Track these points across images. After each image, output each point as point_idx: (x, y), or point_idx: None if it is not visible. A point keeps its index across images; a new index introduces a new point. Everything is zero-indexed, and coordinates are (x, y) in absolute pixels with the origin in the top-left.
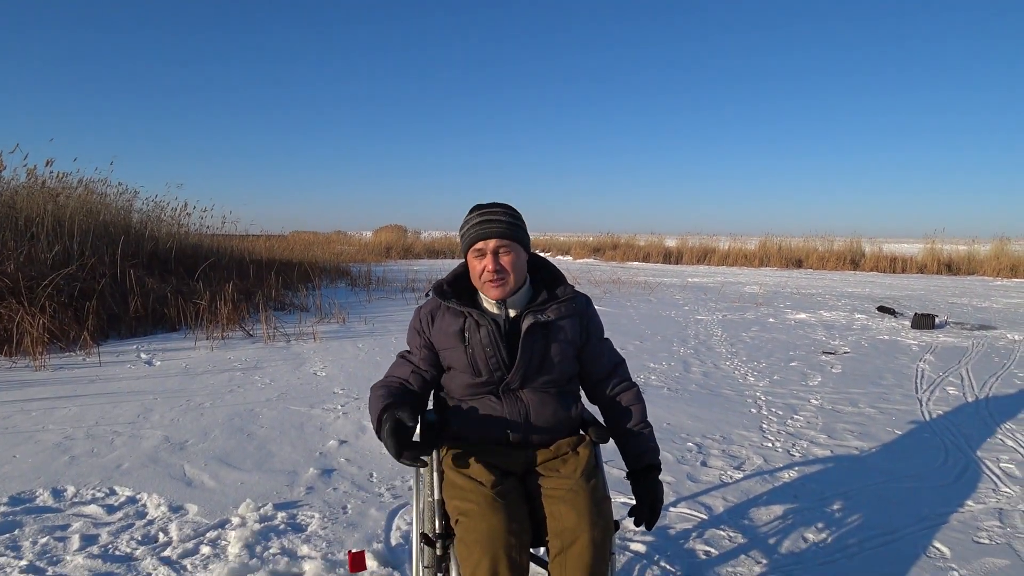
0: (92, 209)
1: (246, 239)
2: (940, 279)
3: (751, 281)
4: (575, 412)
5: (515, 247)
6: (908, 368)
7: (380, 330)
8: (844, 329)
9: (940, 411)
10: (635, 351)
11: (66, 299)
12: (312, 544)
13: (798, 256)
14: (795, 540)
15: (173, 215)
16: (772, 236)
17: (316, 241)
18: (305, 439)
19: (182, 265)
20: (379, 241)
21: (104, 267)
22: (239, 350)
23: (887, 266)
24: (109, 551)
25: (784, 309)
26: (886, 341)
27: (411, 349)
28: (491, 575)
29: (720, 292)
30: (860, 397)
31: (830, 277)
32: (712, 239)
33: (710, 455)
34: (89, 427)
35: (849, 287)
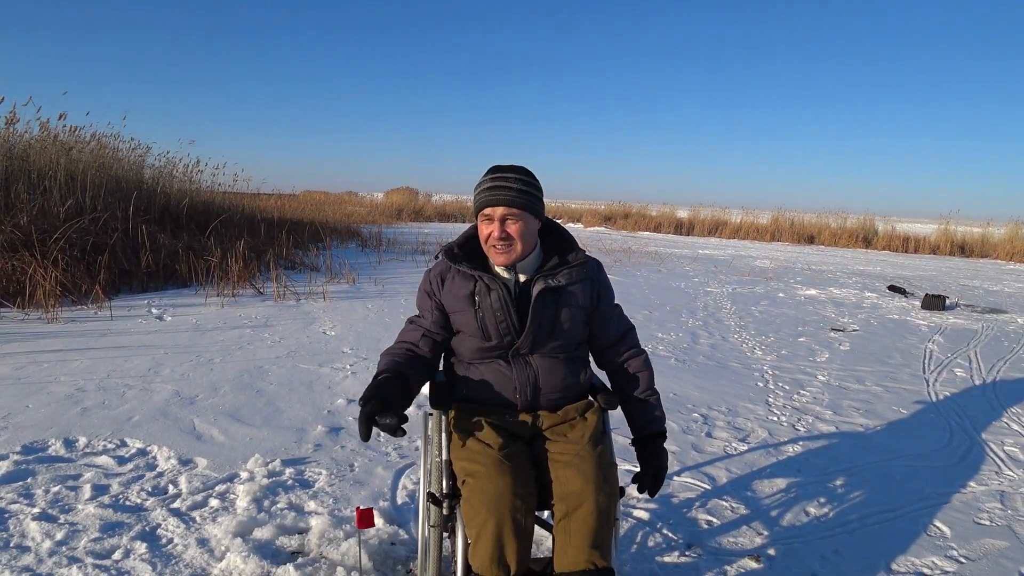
0: (105, 163)
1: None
2: (953, 261)
3: (762, 255)
4: (584, 378)
5: (524, 215)
6: (916, 348)
7: (390, 291)
8: (854, 307)
9: (947, 392)
10: (644, 321)
11: (78, 253)
12: (319, 500)
13: (810, 232)
14: (797, 513)
15: (185, 171)
16: (785, 211)
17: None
18: (314, 397)
19: (194, 222)
20: (390, 203)
21: (116, 222)
22: (249, 307)
23: (900, 246)
24: (120, 501)
25: (794, 284)
26: (895, 320)
27: (421, 312)
28: (496, 536)
29: (731, 265)
30: (867, 375)
31: (842, 254)
32: (724, 212)
33: (715, 426)
34: (101, 379)
35: (860, 265)
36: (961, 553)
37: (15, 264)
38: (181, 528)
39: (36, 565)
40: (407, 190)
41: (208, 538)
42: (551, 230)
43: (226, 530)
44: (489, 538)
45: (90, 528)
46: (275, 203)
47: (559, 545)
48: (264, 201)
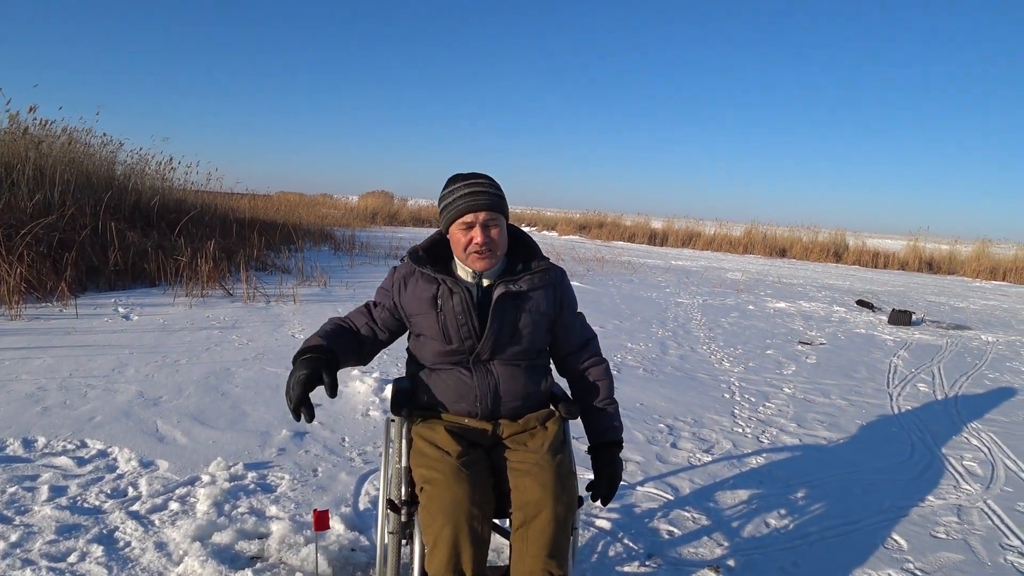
0: (75, 159)
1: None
2: (920, 277)
3: (734, 267)
4: (545, 386)
5: (501, 219)
6: (882, 363)
7: (361, 295)
8: (822, 320)
9: (909, 406)
10: (614, 330)
11: (45, 249)
12: (281, 505)
13: (782, 245)
14: (758, 525)
15: (158, 169)
16: (758, 224)
17: (301, 203)
18: (280, 401)
19: (164, 220)
20: (365, 206)
21: (85, 218)
22: (218, 308)
23: (869, 261)
24: (77, 503)
25: (764, 297)
26: (862, 335)
27: (377, 302)
28: (452, 544)
29: (702, 276)
30: (832, 388)
31: (812, 268)
32: (698, 223)
33: (681, 437)
34: (63, 379)
35: (830, 279)
36: (917, 566)
37: None
38: (139, 531)
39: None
40: (382, 194)
41: (166, 542)
42: (515, 237)
43: (185, 534)
44: (445, 545)
45: (46, 530)
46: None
47: (516, 553)
48: (237, 201)
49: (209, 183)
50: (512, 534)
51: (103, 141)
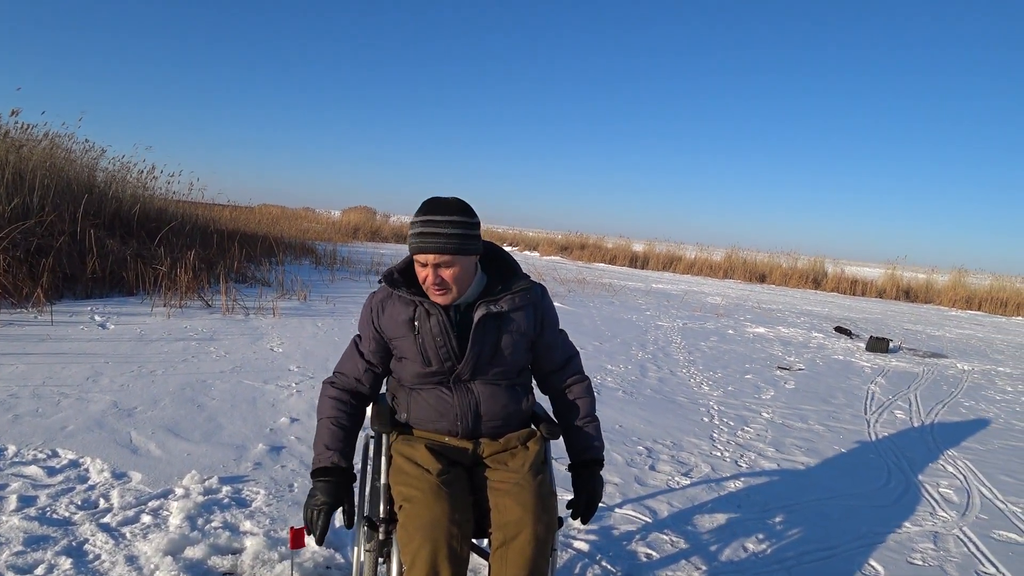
0: (56, 164)
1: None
2: (898, 305)
3: (714, 292)
4: (526, 406)
5: (458, 259)
6: (859, 389)
7: (341, 310)
8: (800, 346)
9: (886, 433)
10: (593, 352)
11: (21, 254)
12: (255, 520)
13: (762, 271)
14: (736, 549)
15: (139, 177)
16: (738, 249)
17: (283, 216)
18: (256, 414)
19: (144, 229)
20: (347, 221)
21: (64, 224)
22: (196, 320)
23: (848, 288)
24: (47, 514)
25: (744, 322)
26: (840, 361)
27: (362, 337)
28: (430, 563)
29: (683, 300)
30: (810, 414)
31: (791, 294)
32: (679, 247)
33: (659, 460)
34: (35, 386)
35: (809, 305)
36: None
37: None
38: (110, 544)
39: None
40: (365, 209)
41: (137, 555)
42: (494, 255)
43: (156, 548)
44: (423, 564)
45: (13, 541)
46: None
47: (495, 573)
48: (219, 212)
49: (191, 193)
50: (491, 554)
51: (85, 147)
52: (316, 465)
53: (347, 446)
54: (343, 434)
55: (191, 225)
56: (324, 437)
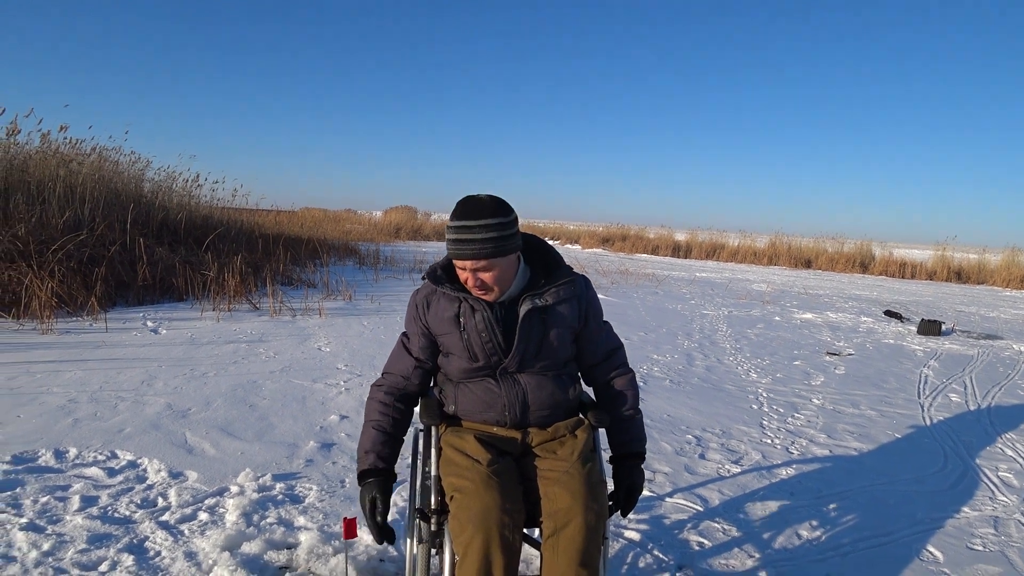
0: (104, 176)
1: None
2: (949, 287)
3: (759, 279)
4: (573, 395)
5: (496, 262)
6: (912, 373)
7: (386, 309)
8: (850, 331)
9: (941, 417)
10: (639, 342)
11: (75, 265)
12: (309, 516)
13: (807, 256)
14: (789, 536)
15: (184, 186)
16: (782, 235)
17: (326, 218)
18: (307, 413)
19: (191, 236)
20: (389, 221)
21: (114, 234)
22: (245, 322)
23: (896, 271)
24: (108, 513)
25: (791, 308)
26: (891, 345)
27: (409, 335)
28: (483, 552)
29: (727, 288)
30: (862, 399)
31: (838, 279)
32: (722, 235)
33: (709, 448)
34: (93, 391)
35: (857, 290)
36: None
37: (11, 274)
38: (169, 541)
39: (22, 575)
40: (406, 209)
41: (196, 551)
42: (536, 247)
43: (214, 544)
44: (476, 554)
45: (77, 539)
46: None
47: (547, 563)
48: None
49: (235, 199)
50: (543, 543)
51: (131, 159)
52: (358, 468)
53: (387, 448)
54: (383, 437)
55: (236, 231)
56: (365, 442)
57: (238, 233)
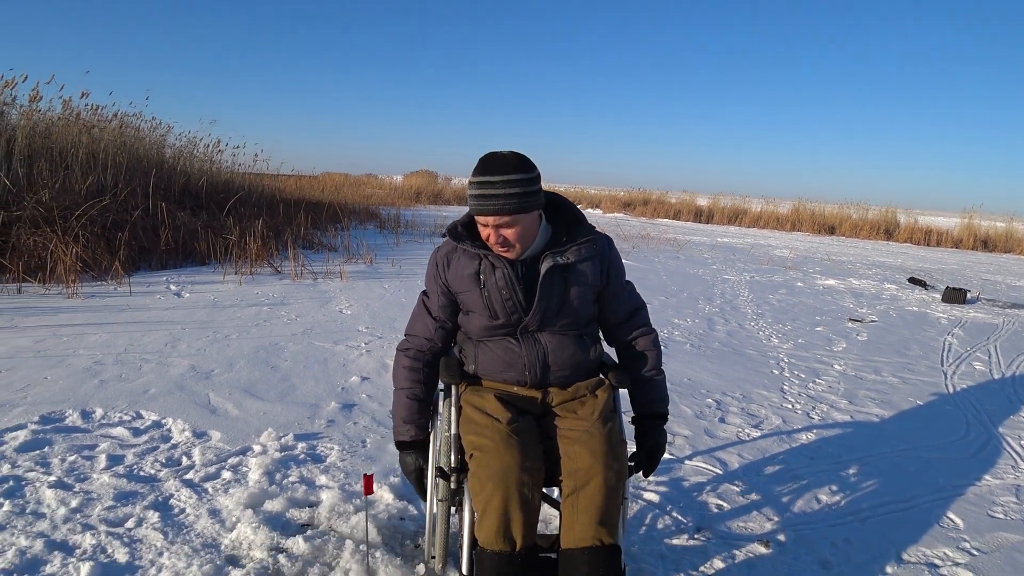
0: (126, 142)
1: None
2: (975, 255)
3: (782, 245)
4: (594, 354)
5: (519, 218)
6: (935, 341)
7: (407, 272)
8: (873, 298)
9: (964, 385)
10: (660, 306)
11: (99, 230)
12: (330, 475)
13: (831, 223)
14: (808, 500)
15: (205, 151)
16: (805, 201)
17: (346, 183)
18: (328, 374)
19: (213, 201)
20: (409, 185)
21: (136, 200)
22: (267, 286)
23: (921, 238)
24: (134, 471)
25: (813, 274)
26: (915, 312)
27: (429, 294)
28: (502, 510)
29: (749, 253)
30: (884, 366)
31: (862, 246)
32: (744, 200)
33: (729, 412)
34: (118, 353)
35: (881, 257)
36: (974, 545)
37: (37, 240)
38: (193, 499)
39: (51, 531)
40: (426, 173)
41: (220, 509)
42: (558, 206)
43: (237, 502)
44: (495, 512)
45: (104, 497)
46: (294, 184)
47: (566, 521)
48: (283, 182)
49: (256, 164)
50: (562, 502)
51: (152, 125)
52: (396, 437)
53: (423, 417)
54: (418, 405)
55: (257, 195)
56: (401, 410)
57: (259, 198)
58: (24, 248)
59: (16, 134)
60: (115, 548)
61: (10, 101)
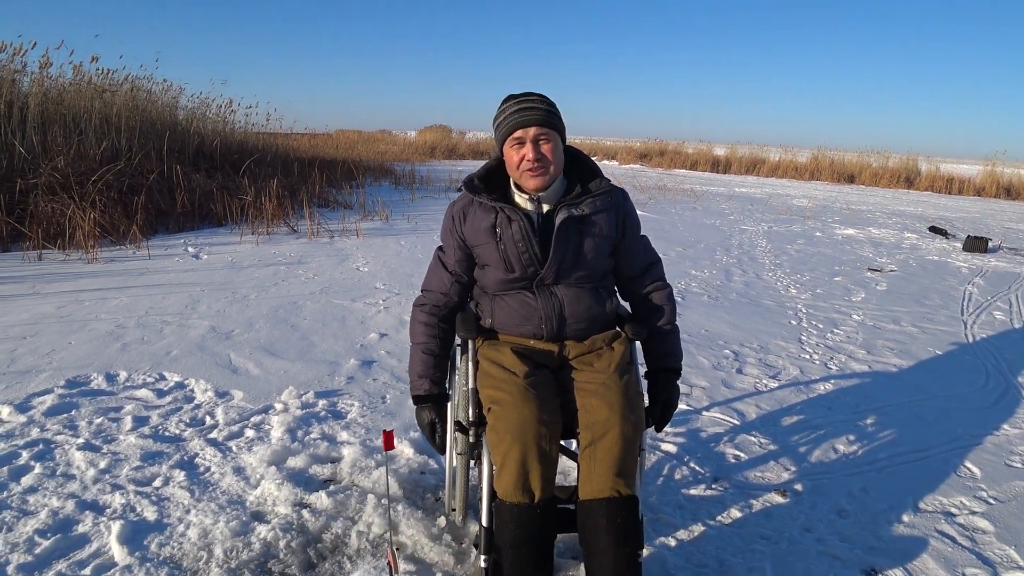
0: (138, 106)
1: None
2: (998, 203)
3: (800, 194)
4: (610, 307)
5: (554, 135)
6: (956, 290)
7: (423, 228)
8: (893, 247)
9: (984, 334)
10: (677, 258)
11: (115, 194)
12: (351, 431)
13: (850, 171)
14: (825, 450)
15: (218, 112)
16: (825, 150)
17: (360, 140)
18: (347, 331)
19: (227, 162)
20: (423, 141)
21: (151, 163)
22: (283, 245)
23: (943, 186)
24: (159, 432)
25: (832, 224)
26: (935, 262)
27: (445, 248)
28: (520, 463)
29: (767, 203)
30: (903, 315)
31: (882, 194)
32: (762, 150)
33: (746, 363)
34: (139, 316)
35: (901, 206)
36: (991, 494)
37: (55, 207)
38: (218, 457)
39: (81, 492)
40: (440, 128)
41: (244, 467)
42: (574, 158)
43: (261, 459)
44: (514, 465)
45: (131, 457)
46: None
47: (584, 473)
48: (297, 140)
49: (269, 124)
50: (579, 454)
51: (164, 87)
52: (413, 392)
53: (438, 371)
54: (433, 360)
55: (272, 155)
56: (417, 365)
57: (273, 157)
58: (42, 215)
59: (29, 101)
60: (144, 507)
61: (20, 68)
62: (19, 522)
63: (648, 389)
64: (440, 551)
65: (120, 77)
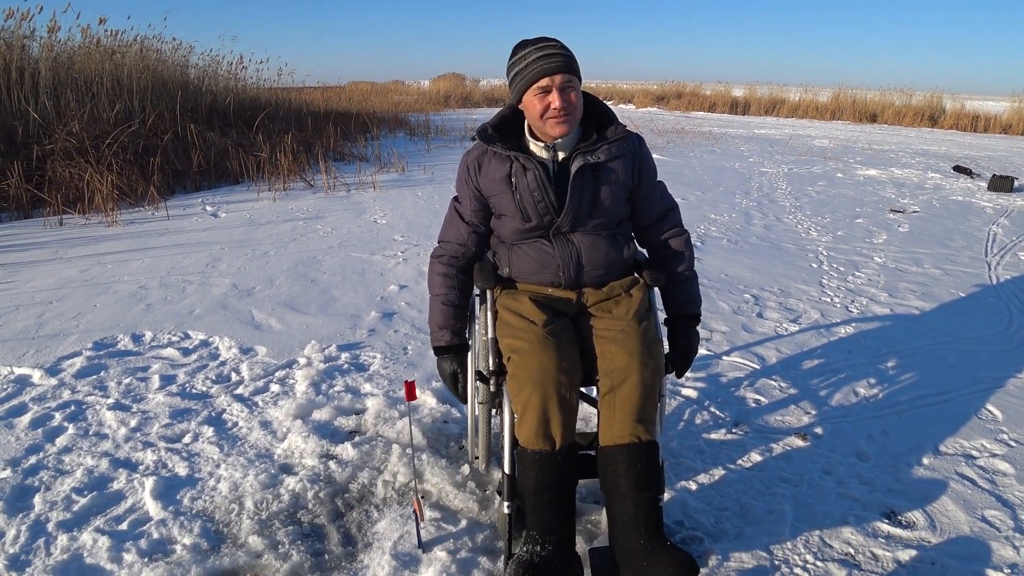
0: (149, 66)
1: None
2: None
3: (821, 135)
4: (627, 254)
5: (576, 82)
6: (980, 231)
7: (439, 178)
8: (915, 188)
9: (1009, 276)
10: (696, 202)
11: (131, 156)
12: (374, 383)
13: (873, 110)
14: (846, 394)
15: (229, 69)
16: (846, 88)
17: (373, 91)
18: (366, 284)
19: (241, 119)
20: (437, 90)
21: (165, 123)
22: (301, 200)
23: (968, 124)
24: (187, 390)
25: (854, 164)
26: (959, 202)
27: (461, 199)
28: (541, 411)
29: (787, 145)
30: (926, 257)
31: (905, 133)
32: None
33: (767, 307)
34: (162, 277)
35: (925, 145)
36: (1012, 437)
37: (72, 171)
38: (245, 412)
39: (114, 450)
40: (454, 76)
41: (270, 421)
42: (588, 105)
43: (287, 413)
44: (534, 413)
45: (161, 415)
46: (321, 96)
47: (604, 419)
48: (310, 94)
49: (280, 79)
50: (599, 401)
51: (174, 46)
52: (433, 344)
53: (458, 322)
54: (453, 311)
55: (285, 110)
56: (436, 317)
57: (287, 112)
58: (61, 180)
59: (40, 67)
60: (175, 463)
61: (29, 34)
62: (56, 481)
63: (668, 336)
64: (464, 498)
65: (129, 38)
